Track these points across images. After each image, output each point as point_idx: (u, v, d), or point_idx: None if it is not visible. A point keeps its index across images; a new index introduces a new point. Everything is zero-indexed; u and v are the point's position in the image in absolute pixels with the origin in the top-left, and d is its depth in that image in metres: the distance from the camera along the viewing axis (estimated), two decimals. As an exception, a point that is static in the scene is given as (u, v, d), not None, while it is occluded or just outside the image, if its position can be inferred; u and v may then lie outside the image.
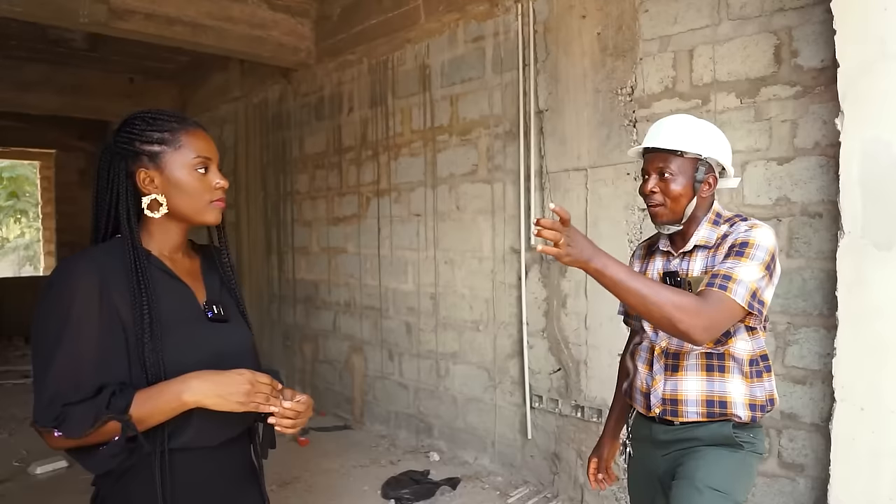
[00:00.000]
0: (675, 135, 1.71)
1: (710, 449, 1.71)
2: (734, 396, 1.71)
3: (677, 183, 1.69)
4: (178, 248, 1.41)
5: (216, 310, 1.39)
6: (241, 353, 1.40)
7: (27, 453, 4.63)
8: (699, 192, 1.71)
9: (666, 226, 1.75)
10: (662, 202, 1.71)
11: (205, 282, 1.44)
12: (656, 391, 1.78)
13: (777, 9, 2.76)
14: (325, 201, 5.69)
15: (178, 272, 1.38)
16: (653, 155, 1.74)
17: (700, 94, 3.03)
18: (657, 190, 1.71)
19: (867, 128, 2.28)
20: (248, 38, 5.26)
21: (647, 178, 1.74)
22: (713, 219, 1.76)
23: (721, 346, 1.70)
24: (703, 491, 1.64)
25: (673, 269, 1.79)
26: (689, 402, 1.73)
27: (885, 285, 2.24)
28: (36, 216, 15.06)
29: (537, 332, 3.83)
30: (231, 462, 1.40)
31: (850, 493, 2.35)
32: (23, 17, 4.45)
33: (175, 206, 1.33)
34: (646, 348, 1.84)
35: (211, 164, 1.36)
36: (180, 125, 1.34)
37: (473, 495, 3.85)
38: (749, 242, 1.62)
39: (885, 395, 2.25)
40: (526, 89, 3.83)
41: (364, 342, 5.27)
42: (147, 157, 1.31)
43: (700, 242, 1.74)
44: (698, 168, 1.70)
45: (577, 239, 1.46)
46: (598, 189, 3.47)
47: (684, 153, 1.69)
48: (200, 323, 1.36)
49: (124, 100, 8.17)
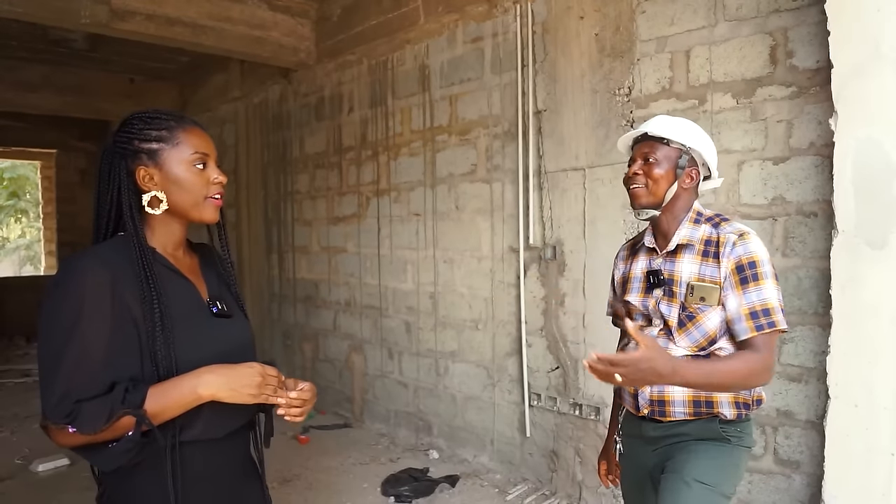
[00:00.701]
0: (663, 125, 1.80)
1: (699, 443, 1.74)
2: (720, 396, 1.74)
3: (660, 167, 1.77)
4: (180, 246, 1.43)
5: (220, 305, 1.42)
6: (244, 348, 1.43)
7: (29, 451, 4.66)
8: (680, 180, 1.77)
9: (644, 210, 1.79)
10: (644, 184, 1.77)
11: (205, 279, 1.46)
12: (643, 393, 1.81)
13: (773, 10, 2.79)
14: (325, 201, 5.71)
15: (181, 269, 1.40)
16: (640, 144, 1.82)
17: (697, 95, 3.05)
18: (640, 172, 1.78)
19: (860, 128, 2.30)
20: (248, 38, 5.28)
21: (632, 165, 1.82)
22: (694, 217, 1.80)
23: (708, 349, 1.73)
24: (690, 484, 1.66)
25: (656, 267, 1.82)
26: (675, 403, 1.76)
27: (879, 283, 2.26)
28: (37, 216, 15.08)
29: (536, 330, 3.85)
30: (234, 454, 1.43)
31: (844, 490, 2.38)
32: (24, 17, 4.47)
33: (174, 202, 1.35)
34: (633, 348, 1.86)
35: (208, 159, 1.38)
36: (177, 123, 1.36)
37: (472, 493, 3.88)
38: (755, 261, 1.65)
39: (879, 392, 2.28)
40: (524, 90, 3.85)
41: (364, 341, 5.30)
42: (146, 154, 1.33)
43: (683, 241, 1.77)
44: (681, 156, 1.78)
45: (639, 368, 1.44)
46: (596, 189, 3.49)
47: (670, 142, 1.77)
48: (206, 319, 1.38)
49: (125, 100, 8.20)
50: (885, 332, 2.26)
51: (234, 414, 1.36)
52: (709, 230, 1.76)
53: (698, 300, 1.70)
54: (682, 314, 1.73)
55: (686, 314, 1.72)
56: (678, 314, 1.73)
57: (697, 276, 1.72)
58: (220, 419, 1.34)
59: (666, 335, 1.77)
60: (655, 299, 1.80)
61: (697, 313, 1.71)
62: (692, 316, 1.71)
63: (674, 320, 1.74)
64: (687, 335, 1.73)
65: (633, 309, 1.88)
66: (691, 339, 1.73)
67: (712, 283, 1.69)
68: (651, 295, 1.81)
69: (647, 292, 1.83)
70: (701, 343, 1.72)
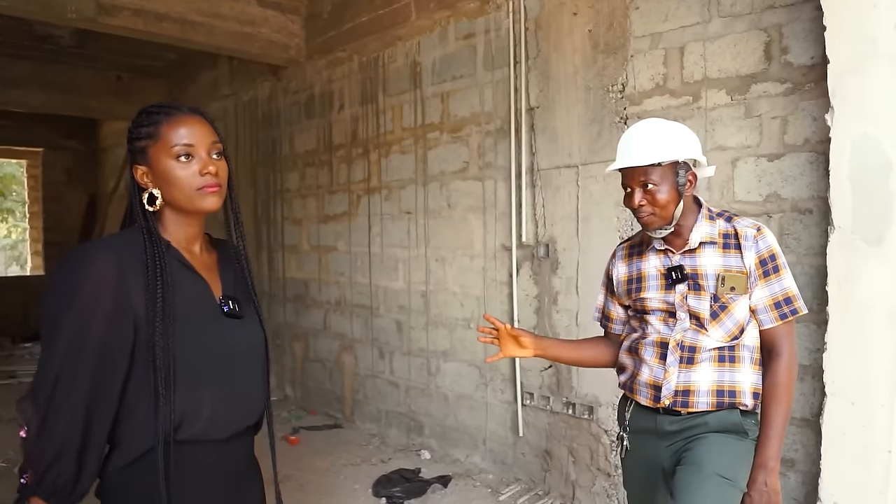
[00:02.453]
0: (648, 147, 1.74)
1: (717, 436, 1.75)
2: (743, 385, 1.77)
3: (662, 192, 1.73)
4: (195, 241, 1.40)
5: (231, 305, 1.38)
6: (252, 351, 1.41)
7: (14, 453, 4.59)
8: (684, 194, 1.76)
9: (658, 231, 1.79)
10: (652, 212, 1.75)
11: (221, 277, 1.43)
12: (669, 383, 1.79)
13: (767, 6, 2.77)
14: (315, 199, 5.67)
15: (196, 265, 1.37)
16: (631, 169, 1.76)
17: (691, 91, 3.04)
18: (644, 202, 1.75)
19: (856, 124, 2.29)
20: (237, 35, 5.22)
21: (632, 192, 1.77)
22: (708, 215, 1.82)
23: (735, 340, 1.77)
24: (710, 477, 1.67)
25: (676, 264, 1.82)
26: (700, 393, 1.76)
27: (875, 280, 2.25)
28: (23, 215, 14.92)
29: (528, 329, 3.82)
30: (237, 456, 1.40)
31: (840, 487, 2.36)
32: (9, 12, 4.40)
33: (169, 198, 1.32)
34: (653, 342, 1.85)
35: (194, 149, 1.32)
36: (165, 117, 1.33)
37: (465, 493, 3.85)
38: (774, 254, 1.75)
39: (875, 389, 2.27)
40: (517, 86, 3.82)
41: (355, 340, 5.26)
42: (139, 153, 1.33)
43: (705, 239, 1.79)
44: (678, 172, 1.74)
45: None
46: (589, 186, 3.47)
47: (661, 163, 1.73)
48: (215, 318, 1.35)
49: (112, 98, 8.11)
50: (881, 329, 2.25)
51: (240, 415, 1.35)
52: (724, 225, 1.80)
53: (729, 290, 1.74)
54: (715, 305, 1.76)
55: (719, 305, 1.76)
56: (709, 306, 1.76)
57: (724, 267, 1.76)
58: (225, 420, 1.32)
59: (696, 328, 1.78)
60: (681, 294, 1.80)
61: (729, 303, 1.75)
62: (725, 306, 1.75)
63: (706, 312, 1.76)
64: (720, 326, 1.76)
65: (648, 306, 1.87)
66: (724, 330, 1.76)
67: (739, 273, 1.75)
68: (674, 290, 1.81)
69: (668, 288, 1.83)
70: (733, 332, 1.76)
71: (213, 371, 1.31)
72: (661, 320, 1.84)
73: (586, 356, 2.10)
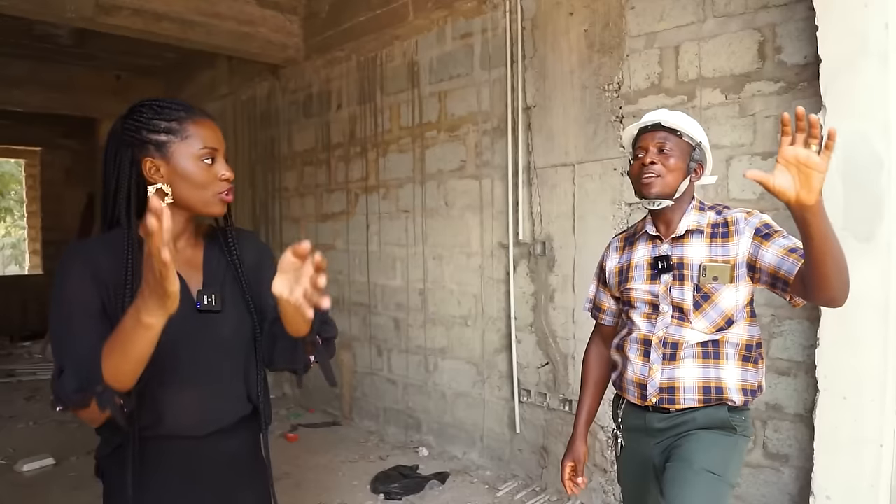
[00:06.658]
0: (676, 119, 1.81)
1: (706, 432, 1.75)
2: (729, 382, 1.76)
3: (676, 158, 1.77)
4: (180, 237, 1.36)
5: (206, 300, 1.35)
6: (232, 344, 1.37)
7: (14, 451, 4.61)
8: (692, 174, 1.80)
9: (656, 200, 1.77)
10: (660, 173, 1.75)
11: (205, 270, 1.40)
12: (653, 380, 1.80)
13: (761, 6, 2.80)
14: (313, 198, 5.69)
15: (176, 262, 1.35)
16: (652, 133, 1.80)
17: (686, 91, 3.06)
18: (656, 161, 1.76)
19: (848, 122, 2.31)
20: (236, 34, 5.24)
21: (645, 153, 1.79)
22: (698, 205, 1.84)
23: (719, 333, 1.76)
24: (699, 472, 1.67)
25: (663, 253, 1.82)
26: (685, 390, 1.77)
27: (865, 276, 2.27)
28: (21, 215, 14.93)
29: (525, 326, 3.85)
30: (219, 453, 1.37)
31: (832, 481, 2.39)
32: (8, 10, 4.42)
33: (181, 196, 1.30)
34: (636, 339, 1.86)
35: (217, 154, 1.33)
36: (188, 114, 1.32)
37: (462, 489, 3.87)
38: (769, 223, 1.73)
39: (866, 385, 2.30)
40: (514, 86, 3.85)
41: (353, 338, 5.28)
42: (154, 146, 1.29)
43: (692, 227, 1.80)
44: (694, 150, 1.81)
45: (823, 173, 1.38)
46: (586, 184, 3.50)
47: (682, 134, 1.79)
48: (185, 316, 1.29)
49: (111, 97, 8.13)
50: (871, 325, 2.28)
51: (215, 413, 1.33)
52: (714, 216, 1.81)
53: (711, 280, 1.74)
54: (697, 295, 1.76)
55: (701, 295, 1.75)
56: (692, 296, 1.76)
57: (709, 257, 1.76)
58: (198, 417, 1.31)
59: (679, 320, 1.78)
60: (665, 285, 1.80)
61: (712, 293, 1.74)
62: (707, 296, 1.75)
63: (688, 303, 1.76)
64: (704, 316, 1.76)
65: (634, 297, 1.87)
66: (708, 320, 1.75)
67: (724, 263, 1.74)
68: (659, 281, 1.82)
69: (653, 279, 1.83)
70: (718, 323, 1.75)
71: (184, 369, 1.30)
72: (645, 316, 1.84)
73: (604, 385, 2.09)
